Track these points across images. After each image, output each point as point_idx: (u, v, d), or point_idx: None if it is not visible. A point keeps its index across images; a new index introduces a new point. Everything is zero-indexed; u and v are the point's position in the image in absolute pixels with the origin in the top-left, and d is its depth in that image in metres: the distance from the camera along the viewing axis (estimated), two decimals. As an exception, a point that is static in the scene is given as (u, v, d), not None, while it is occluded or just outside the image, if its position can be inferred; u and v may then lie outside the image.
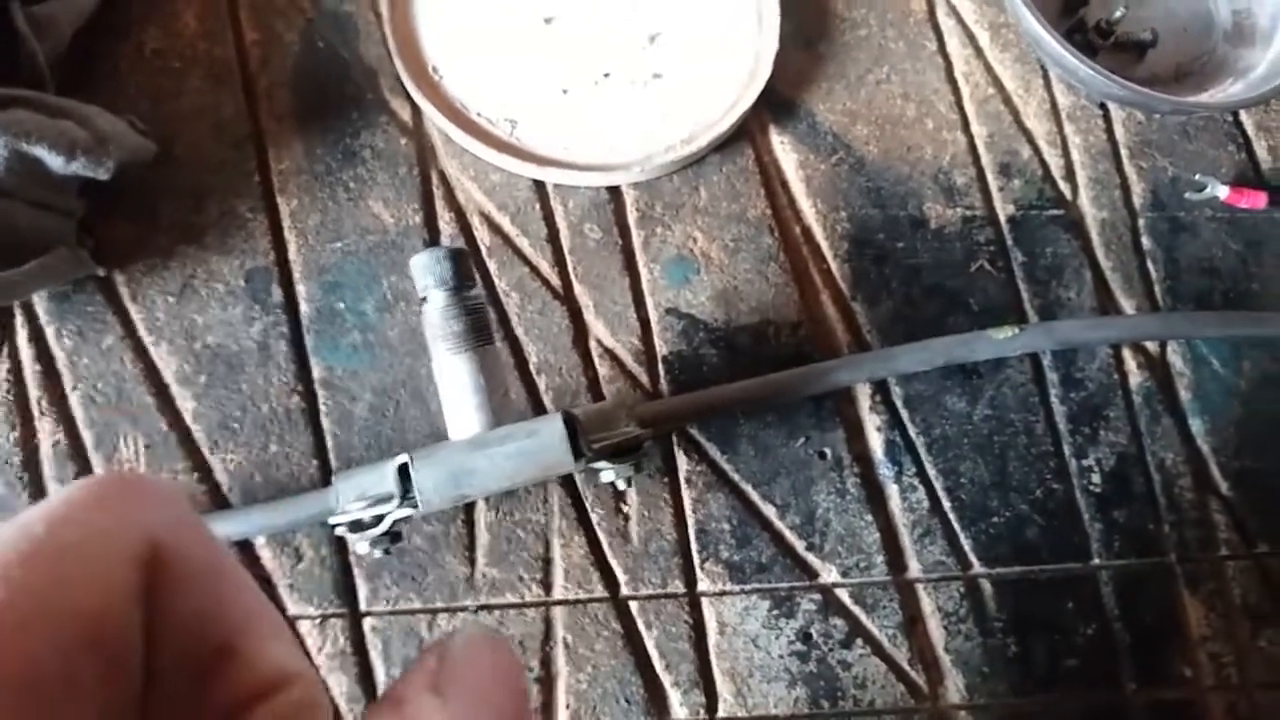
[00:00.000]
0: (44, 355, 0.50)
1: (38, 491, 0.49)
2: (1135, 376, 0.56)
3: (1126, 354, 0.56)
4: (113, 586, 0.16)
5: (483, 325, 0.43)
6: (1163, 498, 0.54)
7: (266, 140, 0.54)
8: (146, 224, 0.52)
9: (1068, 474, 0.54)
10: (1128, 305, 0.57)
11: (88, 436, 0.49)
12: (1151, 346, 0.56)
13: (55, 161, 0.45)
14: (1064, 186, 0.58)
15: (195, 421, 0.50)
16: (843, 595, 0.51)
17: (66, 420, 0.50)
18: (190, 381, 0.51)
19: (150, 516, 0.17)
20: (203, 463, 0.50)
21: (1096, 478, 0.54)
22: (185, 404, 0.50)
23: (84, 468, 0.49)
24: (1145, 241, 0.58)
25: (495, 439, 0.41)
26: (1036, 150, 0.59)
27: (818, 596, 0.51)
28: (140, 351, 0.51)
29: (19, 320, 0.50)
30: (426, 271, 0.43)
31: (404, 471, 0.41)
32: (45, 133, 0.44)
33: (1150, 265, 0.57)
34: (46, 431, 0.49)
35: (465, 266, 0.43)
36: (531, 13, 0.57)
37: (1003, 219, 0.57)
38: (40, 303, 0.51)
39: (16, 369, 0.50)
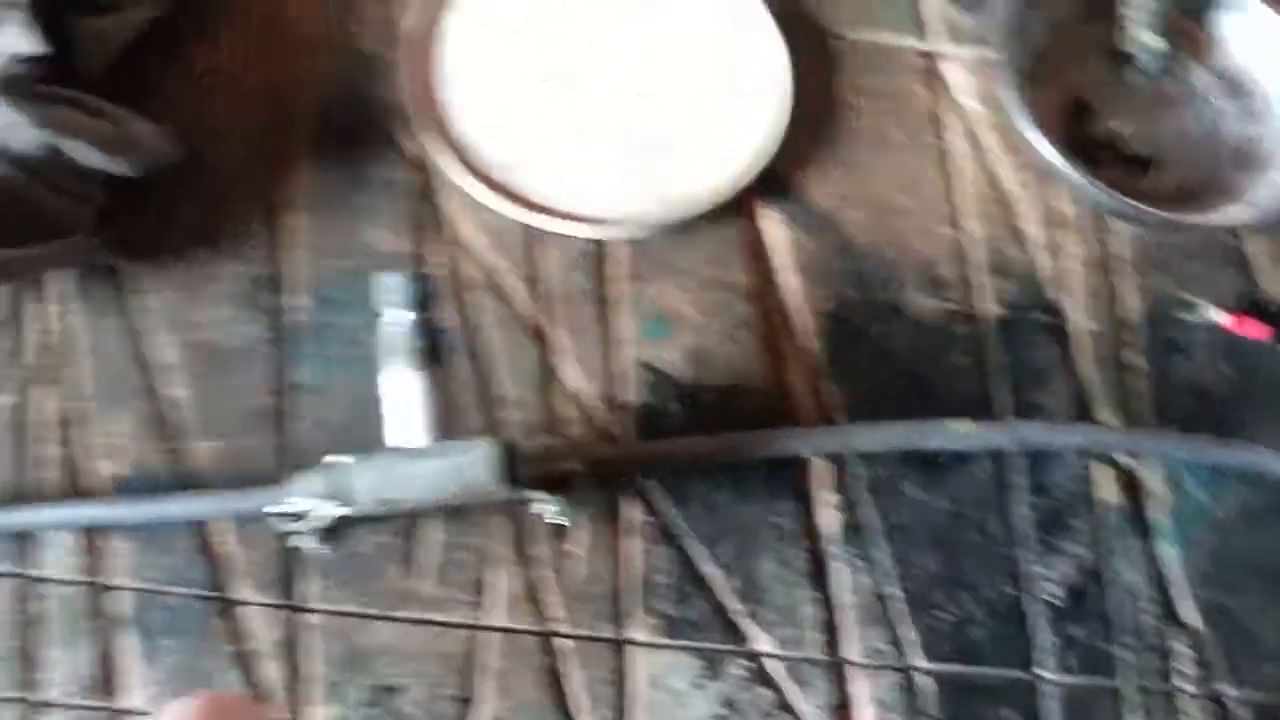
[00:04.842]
0: (48, 332, 0.54)
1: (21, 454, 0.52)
2: (1105, 491, 0.55)
3: (1099, 467, 0.55)
4: None
5: (436, 348, 0.46)
6: (1122, 620, 0.52)
7: (286, 161, 0.58)
8: (165, 224, 0.56)
9: (1021, 579, 0.53)
10: (1106, 418, 0.56)
11: (84, 409, 0.53)
12: (1125, 462, 0.55)
13: (86, 155, 0.49)
14: (1053, 293, 0.58)
15: (182, 409, 0.53)
16: (773, 667, 0.51)
17: (64, 395, 0.53)
18: (181, 372, 0.54)
19: None
20: (183, 447, 0.53)
21: (1054, 588, 0.53)
22: (175, 391, 0.53)
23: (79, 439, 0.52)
24: (1134, 358, 0.57)
25: (432, 451, 0.43)
26: (1028, 253, 0.59)
27: (748, 663, 0.50)
28: (139, 339, 0.54)
29: (29, 297, 0.54)
30: (394, 291, 0.46)
31: (343, 472, 0.43)
32: (81, 128, 0.49)
33: (1136, 382, 0.57)
34: (43, 402, 0.53)
35: (430, 292, 0.46)
36: (544, 69, 0.60)
37: (986, 317, 0.58)
38: (52, 284, 0.55)
39: (20, 342, 0.54)
